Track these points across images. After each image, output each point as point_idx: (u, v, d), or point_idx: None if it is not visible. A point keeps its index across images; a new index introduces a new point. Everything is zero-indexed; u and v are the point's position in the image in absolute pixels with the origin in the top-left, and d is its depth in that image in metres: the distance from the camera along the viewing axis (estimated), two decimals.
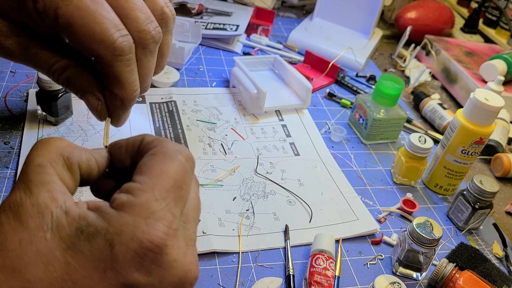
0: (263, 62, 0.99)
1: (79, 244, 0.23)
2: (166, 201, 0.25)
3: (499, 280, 0.62)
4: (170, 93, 0.88)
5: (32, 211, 0.23)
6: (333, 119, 0.92)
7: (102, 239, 0.24)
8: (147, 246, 0.24)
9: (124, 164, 0.30)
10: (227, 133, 0.82)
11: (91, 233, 0.24)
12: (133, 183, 0.26)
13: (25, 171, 0.25)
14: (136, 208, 0.25)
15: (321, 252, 0.60)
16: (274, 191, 0.72)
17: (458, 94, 1.06)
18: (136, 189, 0.25)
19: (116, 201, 0.25)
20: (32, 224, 0.23)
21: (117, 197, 0.25)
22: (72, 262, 0.23)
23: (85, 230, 0.24)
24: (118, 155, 0.30)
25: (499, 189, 0.69)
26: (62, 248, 0.23)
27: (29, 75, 0.85)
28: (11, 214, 0.23)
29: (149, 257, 0.24)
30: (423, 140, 0.76)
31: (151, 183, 0.26)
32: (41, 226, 0.23)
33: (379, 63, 1.18)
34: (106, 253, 0.23)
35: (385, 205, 0.74)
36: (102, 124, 0.81)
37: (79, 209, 0.25)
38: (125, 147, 0.30)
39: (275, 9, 1.30)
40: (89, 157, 0.28)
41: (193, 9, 1.13)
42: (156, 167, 0.27)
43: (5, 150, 0.69)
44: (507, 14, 1.25)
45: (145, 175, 0.26)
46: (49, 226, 0.23)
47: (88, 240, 0.24)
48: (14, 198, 0.24)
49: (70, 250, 0.23)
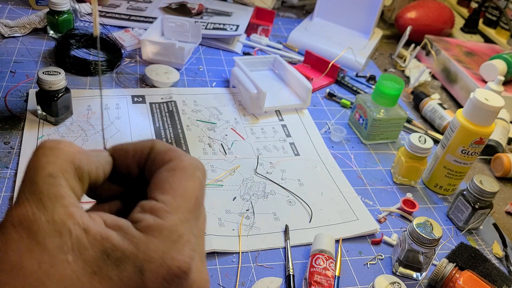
0: (263, 62, 0.99)
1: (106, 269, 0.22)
2: (190, 223, 0.25)
3: (499, 280, 0.62)
4: (170, 93, 0.88)
5: (48, 230, 0.22)
6: (333, 119, 0.92)
7: (131, 265, 0.23)
8: (174, 272, 0.23)
9: (131, 171, 0.29)
10: (227, 133, 0.82)
11: (119, 258, 0.22)
12: (157, 203, 0.25)
13: (34, 180, 0.23)
14: (164, 232, 0.24)
15: (321, 252, 0.60)
16: (274, 191, 0.72)
17: (458, 94, 1.06)
18: (162, 211, 0.25)
19: (142, 223, 0.24)
20: (51, 245, 0.21)
21: (143, 218, 0.24)
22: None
23: (111, 254, 0.22)
24: (124, 161, 0.29)
25: (499, 189, 0.69)
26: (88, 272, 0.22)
27: (29, 75, 0.85)
28: (23, 232, 0.21)
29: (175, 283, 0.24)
30: (423, 140, 0.76)
31: (176, 204, 0.25)
32: (60, 246, 0.21)
33: (379, 63, 1.18)
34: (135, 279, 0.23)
35: (385, 205, 0.74)
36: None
37: (99, 227, 0.23)
38: (132, 153, 0.28)
39: (275, 9, 1.30)
40: (98, 165, 0.27)
41: (193, 9, 1.13)
42: (179, 185, 0.26)
43: (5, 150, 0.69)
44: (507, 14, 1.25)
45: (169, 194, 0.25)
46: (69, 246, 0.22)
47: (116, 265, 0.22)
48: (26, 213, 0.22)
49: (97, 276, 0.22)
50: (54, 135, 0.73)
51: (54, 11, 0.93)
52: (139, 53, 0.97)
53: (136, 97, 0.85)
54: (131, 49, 0.98)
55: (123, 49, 0.96)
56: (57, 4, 0.92)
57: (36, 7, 1.06)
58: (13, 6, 1.06)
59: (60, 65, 0.88)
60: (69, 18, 0.96)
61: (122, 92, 0.86)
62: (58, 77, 0.71)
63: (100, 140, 0.74)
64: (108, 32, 0.98)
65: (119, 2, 1.14)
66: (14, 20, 0.96)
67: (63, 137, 0.73)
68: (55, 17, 0.94)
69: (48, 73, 0.71)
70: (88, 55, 0.93)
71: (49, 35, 0.98)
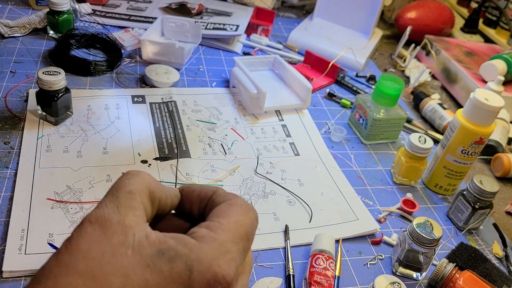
0: (263, 62, 0.99)
1: (159, 264, 0.25)
2: (238, 246, 0.28)
3: (499, 280, 0.62)
4: (170, 93, 0.88)
5: (117, 228, 0.26)
6: (333, 119, 0.92)
7: (182, 263, 0.25)
8: (219, 280, 0.26)
9: (193, 209, 0.33)
10: (227, 133, 0.82)
11: (172, 255, 0.25)
12: (212, 222, 0.28)
13: (115, 194, 0.28)
14: (215, 243, 0.27)
15: (321, 252, 0.60)
16: (274, 191, 0.72)
17: (458, 94, 1.06)
18: (216, 227, 0.28)
19: (196, 234, 0.27)
20: (115, 240, 0.25)
21: (198, 230, 0.28)
22: (150, 279, 0.25)
23: (166, 253, 0.25)
24: (189, 198, 0.33)
25: (499, 189, 0.69)
26: (142, 265, 0.25)
27: (29, 75, 0.85)
28: (97, 227, 0.25)
29: None
30: (423, 140, 0.76)
31: (229, 226, 0.28)
32: (123, 242, 0.25)
33: (379, 63, 1.18)
34: (184, 276, 0.25)
35: (385, 205, 0.74)
36: (102, 124, 0.81)
37: (159, 234, 0.27)
38: (197, 192, 0.32)
39: (275, 9, 1.31)
40: (167, 195, 0.31)
41: (193, 9, 1.13)
42: (233, 215, 0.29)
43: (5, 150, 0.69)
44: (507, 14, 1.25)
45: (224, 218, 0.29)
46: (130, 244, 0.25)
47: (169, 261, 0.25)
48: (102, 214, 0.26)
49: (150, 268, 0.25)
50: (54, 135, 0.73)
51: (54, 11, 0.93)
52: (139, 53, 0.97)
53: (136, 97, 0.85)
54: (131, 49, 0.98)
55: (123, 49, 0.96)
56: (57, 4, 0.92)
57: (36, 7, 1.06)
58: (13, 6, 1.06)
59: (60, 65, 0.88)
60: (69, 18, 0.96)
61: (122, 92, 0.86)
62: (58, 77, 0.71)
63: (100, 140, 0.74)
64: (108, 32, 0.98)
65: (119, 2, 1.14)
66: (14, 20, 0.96)
67: (63, 137, 0.73)
68: (55, 17, 0.94)
69: (48, 73, 0.71)
70: (88, 55, 0.93)
71: (49, 35, 0.98)
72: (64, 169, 0.68)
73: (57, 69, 0.72)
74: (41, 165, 0.67)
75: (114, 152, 0.72)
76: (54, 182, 0.65)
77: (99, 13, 1.08)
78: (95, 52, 0.95)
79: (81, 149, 0.71)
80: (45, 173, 0.66)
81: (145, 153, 0.73)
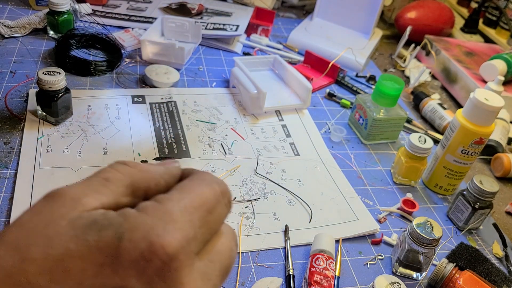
0: (263, 62, 0.99)
1: (87, 233, 0.22)
2: (191, 216, 0.24)
3: (499, 280, 0.62)
4: (170, 93, 0.88)
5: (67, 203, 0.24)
6: (333, 119, 0.92)
7: (112, 231, 0.22)
8: (156, 251, 0.22)
9: None
10: (227, 133, 0.82)
11: (104, 224, 0.23)
12: (162, 194, 0.25)
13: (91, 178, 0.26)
14: (157, 212, 0.23)
15: (321, 252, 0.60)
16: (274, 191, 0.72)
17: (458, 94, 1.06)
18: (163, 198, 0.25)
19: (140, 205, 0.24)
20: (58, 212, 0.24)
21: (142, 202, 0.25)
22: (72, 249, 0.22)
23: (99, 222, 0.23)
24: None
25: (499, 189, 0.69)
26: (70, 235, 0.22)
27: (29, 75, 0.85)
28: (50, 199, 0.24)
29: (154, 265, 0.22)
30: (423, 140, 0.76)
31: (179, 195, 0.25)
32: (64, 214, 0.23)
33: (379, 63, 1.18)
34: (111, 245, 0.22)
35: (385, 205, 0.74)
36: (102, 124, 0.81)
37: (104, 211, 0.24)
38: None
39: (275, 9, 1.31)
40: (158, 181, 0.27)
41: (193, 9, 1.13)
42: (188, 185, 0.26)
43: (5, 150, 0.69)
44: (507, 14, 1.25)
45: (177, 190, 0.25)
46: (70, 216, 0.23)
47: (99, 230, 0.22)
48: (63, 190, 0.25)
49: (76, 238, 0.22)
50: (54, 135, 0.73)
51: (54, 11, 0.93)
52: (139, 53, 0.97)
53: (136, 97, 0.85)
54: (131, 49, 0.98)
55: (123, 49, 0.96)
56: (57, 4, 0.92)
57: (36, 7, 1.06)
58: (13, 7, 1.06)
59: (60, 65, 0.88)
60: (69, 18, 0.96)
61: (122, 92, 0.86)
62: (58, 77, 0.71)
63: (100, 140, 0.74)
64: (108, 32, 0.98)
65: (119, 2, 1.14)
66: (14, 20, 0.96)
67: (63, 137, 0.73)
68: (55, 17, 0.94)
69: (48, 73, 0.71)
70: (88, 55, 0.93)
71: (49, 36, 0.98)
72: (64, 169, 0.68)
73: (57, 69, 0.72)
74: (41, 165, 0.67)
75: (114, 152, 0.72)
76: (54, 182, 0.65)
77: (99, 13, 1.08)
78: (95, 52, 0.95)
79: (81, 149, 0.71)
80: (45, 173, 0.66)
81: (145, 153, 0.73)
